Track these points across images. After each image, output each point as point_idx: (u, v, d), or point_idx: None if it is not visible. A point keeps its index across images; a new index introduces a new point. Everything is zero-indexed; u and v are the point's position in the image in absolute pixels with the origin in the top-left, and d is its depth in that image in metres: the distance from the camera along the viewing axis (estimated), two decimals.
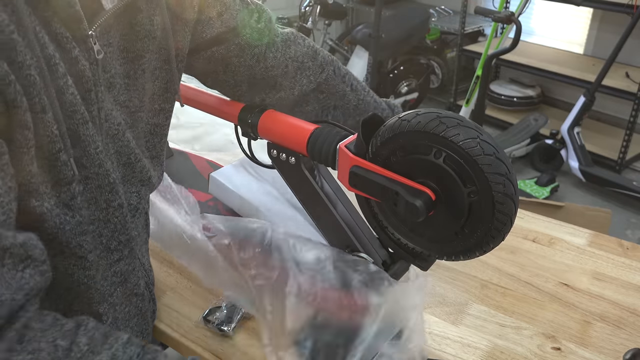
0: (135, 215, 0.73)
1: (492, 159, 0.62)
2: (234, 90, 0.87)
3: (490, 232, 0.66)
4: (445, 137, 0.63)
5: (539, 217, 1.15)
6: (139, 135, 0.71)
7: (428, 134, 0.65)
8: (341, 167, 0.75)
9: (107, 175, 0.62)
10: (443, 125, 0.64)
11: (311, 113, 0.92)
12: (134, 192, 0.72)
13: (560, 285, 0.97)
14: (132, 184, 0.71)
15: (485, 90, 2.95)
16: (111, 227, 0.66)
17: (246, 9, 0.81)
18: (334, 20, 3.91)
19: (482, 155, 0.62)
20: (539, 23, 3.95)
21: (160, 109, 0.74)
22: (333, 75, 0.90)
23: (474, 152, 0.62)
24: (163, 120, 0.75)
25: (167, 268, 0.98)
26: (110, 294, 0.70)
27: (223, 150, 1.25)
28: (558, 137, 3.16)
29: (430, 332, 0.87)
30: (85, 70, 0.57)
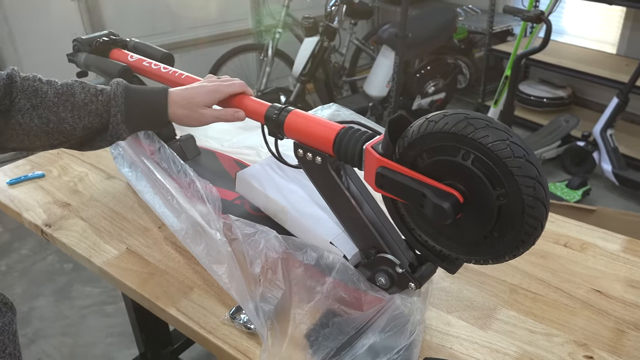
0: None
1: (522, 162, 0.61)
2: None
3: (520, 236, 0.65)
4: (473, 139, 0.62)
5: (570, 221, 1.12)
6: None
7: (456, 135, 0.63)
8: (367, 167, 0.74)
9: None
10: (471, 126, 0.62)
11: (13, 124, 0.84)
12: None
13: (592, 291, 0.94)
14: None
15: (514, 91, 2.90)
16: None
17: None
18: (360, 19, 3.89)
19: (511, 157, 0.61)
20: (569, 22, 3.87)
21: None
22: (14, 73, 0.85)
23: (503, 154, 0.61)
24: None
25: (194, 265, 0.98)
26: None
27: (251, 150, 1.25)
28: (590, 139, 3.09)
29: (457, 336, 0.85)
30: None
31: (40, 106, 0.83)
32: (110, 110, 0.84)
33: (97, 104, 0.84)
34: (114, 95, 0.85)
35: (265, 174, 1.00)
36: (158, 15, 3.60)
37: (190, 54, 3.78)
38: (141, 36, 1.18)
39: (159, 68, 1.00)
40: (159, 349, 1.76)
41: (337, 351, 0.78)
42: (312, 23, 3.36)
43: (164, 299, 0.93)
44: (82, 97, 0.84)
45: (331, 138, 0.78)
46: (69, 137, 0.85)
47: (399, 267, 0.81)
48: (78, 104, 0.84)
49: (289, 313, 0.82)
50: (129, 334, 1.92)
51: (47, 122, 0.83)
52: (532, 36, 3.00)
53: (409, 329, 0.78)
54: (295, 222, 0.93)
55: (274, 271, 0.85)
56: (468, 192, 0.66)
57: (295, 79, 3.45)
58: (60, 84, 0.86)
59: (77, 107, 0.84)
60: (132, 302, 1.56)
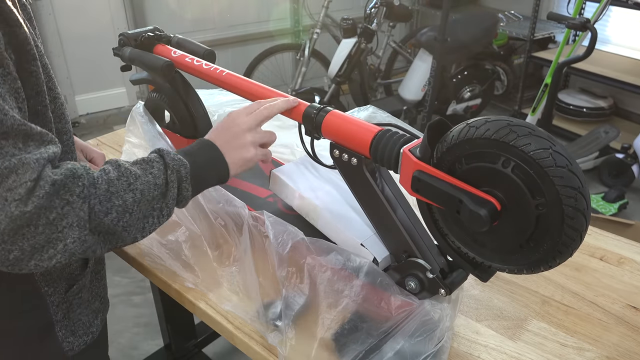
0: None
1: (565, 172, 0.60)
2: None
3: (558, 247, 0.64)
4: (515, 146, 0.61)
5: (608, 234, 1.10)
6: None
7: (497, 142, 0.63)
8: (404, 171, 0.74)
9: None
10: (514, 133, 0.62)
11: None
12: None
13: (628, 307, 0.92)
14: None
15: (553, 99, 2.84)
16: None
17: None
18: (398, 22, 3.88)
19: (553, 166, 0.60)
20: (615, 31, 3.77)
21: None
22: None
23: (545, 163, 0.60)
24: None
25: (225, 260, 1.00)
26: None
27: (286, 148, 1.26)
28: (630, 152, 3.00)
29: (486, 345, 0.84)
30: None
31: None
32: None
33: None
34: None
35: (300, 173, 1.01)
36: (199, 13, 3.66)
37: (228, 52, 3.83)
38: (182, 32, 1.20)
39: (201, 65, 1.02)
40: (184, 341, 1.79)
41: (365, 354, 0.78)
42: (350, 24, 3.36)
43: (194, 292, 0.95)
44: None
45: (368, 140, 0.78)
46: None
47: (430, 272, 0.80)
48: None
49: (316, 315, 0.83)
50: (154, 324, 1.96)
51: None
52: (575, 44, 2.93)
53: (437, 335, 0.78)
54: (326, 222, 0.93)
55: (300, 273, 0.86)
56: (506, 200, 0.65)
57: (330, 79, 3.46)
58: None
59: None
60: (160, 293, 1.59)
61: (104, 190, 0.67)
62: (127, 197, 0.69)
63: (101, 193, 0.66)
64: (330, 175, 1.00)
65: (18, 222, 0.59)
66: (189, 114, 1.11)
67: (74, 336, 0.85)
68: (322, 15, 3.55)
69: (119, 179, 0.69)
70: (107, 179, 0.68)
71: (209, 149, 0.83)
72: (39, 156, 0.61)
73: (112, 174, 0.69)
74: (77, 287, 0.84)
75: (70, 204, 0.63)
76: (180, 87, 1.10)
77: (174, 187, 0.74)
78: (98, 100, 3.59)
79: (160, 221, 0.75)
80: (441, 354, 0.78)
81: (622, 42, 3.72)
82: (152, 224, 0.73)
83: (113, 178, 0.68)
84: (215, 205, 0.98)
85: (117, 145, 1.45)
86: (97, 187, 0.66)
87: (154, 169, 0.73)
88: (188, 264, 0.99)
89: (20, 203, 0.59)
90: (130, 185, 0.69)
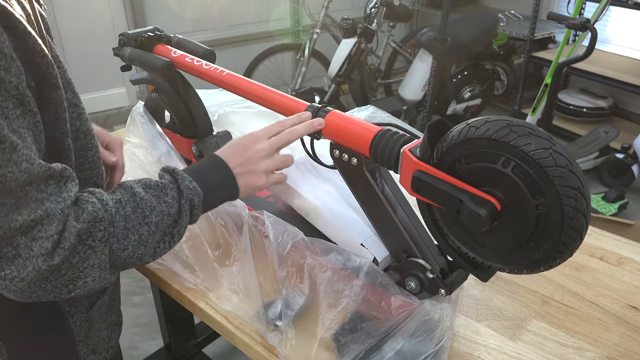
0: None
1: (565, 171, 0.60)
2: None
3: (558, 247, 0.64)
4: (515, 146, 0.61)
5: (607, 234, 1.10)
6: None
7: (497, 142, 0.63)
8: (404, 171, 0.74)
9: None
10: (514, 133, 0.62)
11: None
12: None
13: (628, 307, 0.92)
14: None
15: (553, 99, 2.84)
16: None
17: None
18: (398, 22, 3.87)
19: (553, 166, 0.60)
20: (615, 31, 3.77)
21: None
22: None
23: (545, 162, 0.60)
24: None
25: (225, 259, 1.00)
26: None
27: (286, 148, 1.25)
28: (630, 152, 3.00)
29: (486, 345, 0.84)
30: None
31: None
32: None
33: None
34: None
35: (300, 173, 1.01)
36: (199, 13, 3.66)
37: (228, 52, 3.82)
38: (182, 32, 1.20)
39: (201, 65, 1.02)
40: (184, 341, 1.79)
41: (365, 354, 0.78)
42: (350, 24, 3.36)
43: (194, 292, 0.95)
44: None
45: (368, 140, 0.78)
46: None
47: (430, 272, 0.80)
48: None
49: (316, 315, 0.83)
50: (154, 324, 1.96)
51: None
52: (575, 44, 2.93)
53: (437, 335, 0.78)
54: (326, 222, 0.93)
55: (300, 273, 0.86)
56: (506, 200, 0.65)
57: (330, 79, 3.46)
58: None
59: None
60: (160, 293, 1.59)
61: (122, 227, 0.67)
62: (143, 230, 0.69)
63: (119, 232, 0.66)
64: (330, 175, 1.00)
65: (45, 273, 0.60)
66: (189, 114, 1.11)
67: (95, 354, 0.84)
68: (322, 15, 3.55)
69: (134, 211, 0.68)
70: (124, 215, 0.67)
71: (221, 170, 0.80)
72: (63, 205, 0.61)
73: (128, 208, 0.68)
74: (99, 304, 0.82)
75: (92, 249, 0.63)
76: (180, 87, 1.10)
77: (186, 215, 0.74)
78: (98, 100, 3.59)
79: (171, 245, 0.75)
80: (441, 354, 0.78)
81: (622, 42, 3.72)
82: (163, 249, 0.74)
83: (129, 213, 0.68)
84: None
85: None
86: (116, 226, 0.66)
87: (168, 197, 0.72)
88: (188, 264, 0.99)
89: (48, 257, 0.59)
90: (145, 218, 0.69)
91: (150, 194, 0.71)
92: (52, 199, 0.60)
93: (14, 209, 0.58)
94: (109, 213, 0.66)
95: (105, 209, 0.65)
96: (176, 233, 0.74)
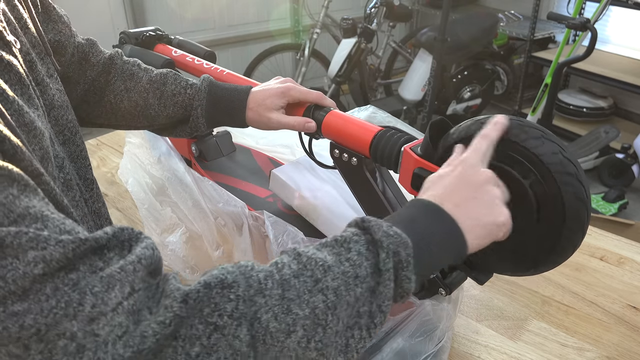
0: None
1: (572, 179, 0.60)
2: None
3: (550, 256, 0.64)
4: (525, 147, 0.61)
5: (608, 234, 1.10)
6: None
7: (507, 140, 0.62)
8: (404, 169, 0.74)
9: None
10: (525, 134, 0.62)
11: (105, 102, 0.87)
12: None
13: (628, 307, 0.92)
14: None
15: (553, 99, 2.84)
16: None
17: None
18: (398, 22, 3.88)
19: (562, 172, 0.60)
20: (615, 31, 3.77)
21: None
22: (117, 55, 0.89)
23: (554, 167, 0.60)
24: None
25: (226, 260, 1.00)
26: None
27: (286, 148, 1.25)
28: (630, 152, 3.01)
29: (486, 345, 0.84)
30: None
31: (133, 90, 0.86)
32: (193, 104, 0.85)
33: (184, 97, 0.85)
34: (198, 89, 0.85)
35: (299, 173, 1.00)
36: (199, 13, 3.66)
37: (228, 52, 3.83)
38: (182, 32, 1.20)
39: (202, 64, 1.02)
40: None
41: (365, 354, 0.78)
42: (350, 24, 3.36)
43: None
44: (172, 88, 0.86)
45: (368, 139, 0.78)
46: (152, 122, 0.88)
47: None
48: (167, 94, 0.85)
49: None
50: None
51: (135, 105, 0.86)
52: (575, 44, 2.94)
53: (437, 335, 0.78)
54: (326, 222, 0.93)
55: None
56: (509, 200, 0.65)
57: (330, 79, 3.46)
58: (156, 73, 0.87)
59: (165, 97, 0.85)
60: None
61: (277, 297, 0.44)
62: (316, 301, 0.45)
63: (274, 302, 0.43)
64: (330, 175, 1.00)
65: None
66: None
67: None
68: (322, 15, 3.55)
69: (298, 276, 0.46)
70: (279, 279, 0.45)
71: (436, 215, 0.53)
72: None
73: (286, 270, 0.46)
74: None
75: (219, 329, 0.41)
76: None
77: (389, 278, 0.48)
78: None
79: (370, 334, 0.48)
80: (441, 354, 0.78)
81: (622, 42, 3.72)
82: (359, 339, 0.48)
83: (288, 277, 0.45)
84: (215, 205, 0.97)
85: (117, 145, 1.45)
86: (266, 294, 0.43)
87: (352, 253, 0.48)
88: (188, 264, 0.99)
89: (130, 338, 0.39)
90: (317, 283, 0.46)
91: (326, 251, 0.49)
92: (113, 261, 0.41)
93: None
94: (246, 276, 0.44)
95: (240, 270, 0.44)
96: (377, 312, 0.48)
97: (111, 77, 0.87)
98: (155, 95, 0.86)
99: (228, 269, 0.44)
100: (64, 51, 0.80)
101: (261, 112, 0.84)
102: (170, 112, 0.86)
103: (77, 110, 0.86)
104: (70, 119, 0.68)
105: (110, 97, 0.87)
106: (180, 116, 0.87)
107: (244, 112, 0.85)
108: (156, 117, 0.87)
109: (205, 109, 0.85)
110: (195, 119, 0.86)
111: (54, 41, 0.77)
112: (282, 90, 0.85)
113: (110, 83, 0.87)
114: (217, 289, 0.42)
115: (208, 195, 0.98)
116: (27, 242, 0.37)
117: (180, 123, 0.88)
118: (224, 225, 0.97)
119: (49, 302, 0.37)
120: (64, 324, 0.37)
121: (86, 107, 0.88)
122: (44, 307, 0.37)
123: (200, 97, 0.85)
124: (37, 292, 0.37)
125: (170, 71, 0.88)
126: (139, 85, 0.87)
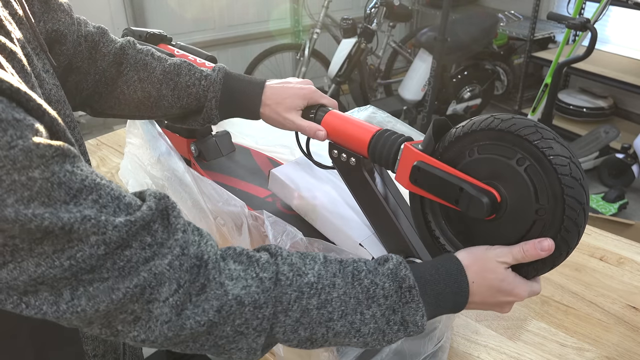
0: None
1: (576, 184, 0.60)
2: None
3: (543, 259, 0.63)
4: (537, 147, 0.61)
5: (607, 234, 1.09)
6: None
7: (521, 138, 0.62)
8: (402, 165, 0.74)
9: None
10: (539, 134, 0.62)
11: (119, 92, 0.86)
12: None
13: (628, 307, 0.92)
14: None
15: (553, 99, 2.84)
16: None
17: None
18: (398, 22, 3.88)
19: (568, 176, 0.60)
20: (615, 31, 3.77)
21: None
22: (129, 44, 0.87)
23: (562, 170, 0.60)
24: None
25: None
26: None
27: (285, 148, 1.26)
28: (630, 152, 3.00)
29: (485, 345, 0.84)
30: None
31: (146, 80, 0.85)
32: (207, 95, 0.84)
33: (198, 88, 0.84)
34: (213, 81, 0.84)
35: (298, 173, 1.00)
36: (199, 13, 3.66)
37: (227, 52, 3.83)
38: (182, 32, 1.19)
39: (203, 64, 1.02)
40: None
41: (365, 354, 0.78)
42: (350, 24, 3.36)
43: None
44: (186, 79, 0.84)
45: (367, 139, 0.78)
46: (165, 112, 0.87)
47: None
48: (180, 85, 0.84)
49: None
50: None
51: (148, 96, 0.85)
52: (575, 44, 2.94)
53: (437, 335, 0.78)
54: (325, 222, 0.93)
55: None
56: (507, 197, 0.65)
57: (330, 79, 3.46)
58: (169, 63, 0.86)
59: (178, 88, 0.84)
60: None
61: (294, 320, 0.56)
62: (319, 332, 0.58)
63: (289, 323, 0.56)
64: (329, 175, 1.00)
65: (176, 340, 0.51)
66: None
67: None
68: (322, 15, 3.55)
69: (320, 308, 0.58)
70: (305, 304, 0.57)
71: (459, 298, 0.64)
72: (171, 257, 0.50)
73: (314, 300, 0.57)
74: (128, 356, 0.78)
75: (243, 335, 0.54)
76: None
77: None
78: None
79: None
80: (441, 354, 0.78)
81: (622, 42, 3.72)
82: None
83: (313, 306, 0.57)
84: (215, 204, 0.97)
85: (117, 145, 1.45)
86: (289, 314, 0.56)
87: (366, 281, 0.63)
88: None
89: (172, 325, 0.50)
90: (330, 321, 0.58)
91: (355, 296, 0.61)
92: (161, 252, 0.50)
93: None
94: (277, 295, 0.55)
95: (276, 284, 0.56)
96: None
97: (123, 68, 0.85)
98: (169, 86, 0.85)
99: (265, 285, 0.54)
100: (64, 39, 0.78)
101: (279, 111, 0.84)
102: (184, 103, 0.85)
103: (89, 100, 0.86)
104: (68, 114, 0.67)
105: (124, 88, 0.86)
106: (193, 107, 0.86)
107: (259, 105, 0.84)
108: (169, 107, 0.86)
109: (220, 100, 0.84)
110: (209, 110, 0.85)
111: (53, 30, 0.76)
112: (305, 93, 0.85)
113: (122, 74, 0.86)
114: (249, 307, 0.53)
115: (208, 195, 0.97)
116: (90, 227, 0.45)
117: (193, 114, 0.87)
118: (223, 225, 0.97)
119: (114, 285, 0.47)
120: (129, 305, 0.48)
121: (98, 98, 0.87)
122: (109, 285, 0.47)
123: (215, 88, 0.84)
124: (101, 268, 0.47)
125: (185, 61, 0.87)
126: (152, 75, 0.85)
